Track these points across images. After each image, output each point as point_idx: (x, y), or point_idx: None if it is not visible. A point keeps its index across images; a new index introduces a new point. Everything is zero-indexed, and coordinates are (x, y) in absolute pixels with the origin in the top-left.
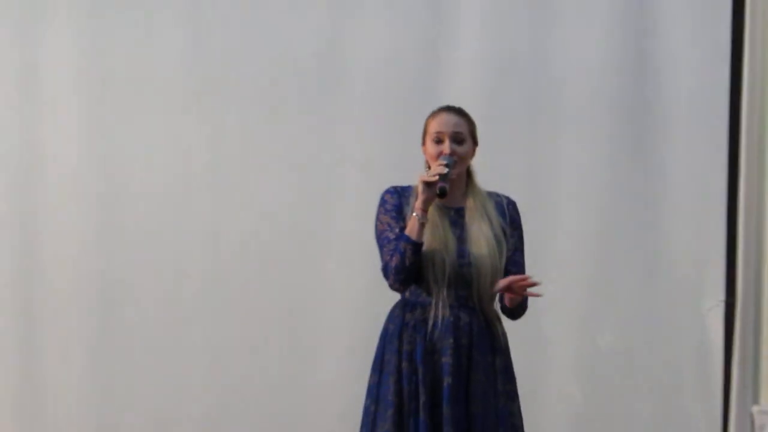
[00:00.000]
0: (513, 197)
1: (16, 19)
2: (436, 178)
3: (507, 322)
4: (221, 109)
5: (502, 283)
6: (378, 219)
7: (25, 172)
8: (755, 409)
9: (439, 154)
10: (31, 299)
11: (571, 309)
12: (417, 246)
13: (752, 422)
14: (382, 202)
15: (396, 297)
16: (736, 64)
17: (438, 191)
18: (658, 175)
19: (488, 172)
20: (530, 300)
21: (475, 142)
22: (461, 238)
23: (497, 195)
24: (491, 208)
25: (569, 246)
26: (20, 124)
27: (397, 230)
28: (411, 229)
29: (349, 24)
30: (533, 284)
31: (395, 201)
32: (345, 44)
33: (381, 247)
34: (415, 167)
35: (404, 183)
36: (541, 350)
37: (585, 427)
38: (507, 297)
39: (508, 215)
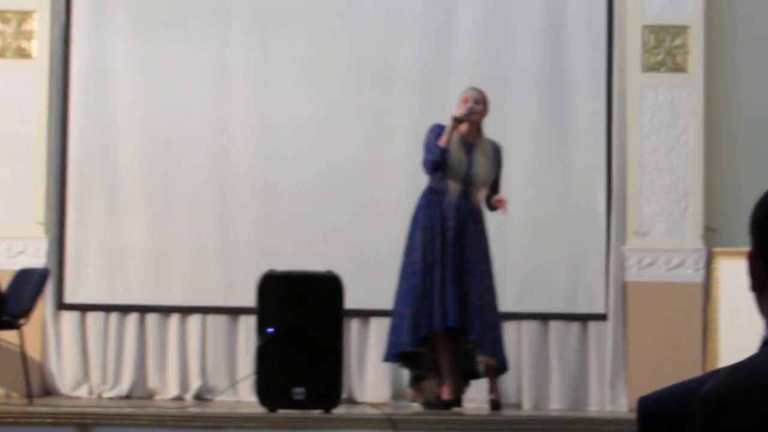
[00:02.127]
0: (499, 142)
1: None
2: (458, 115)
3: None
4: (332, 86)
5: (496, 199)
6: (427, 137)
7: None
8: (623, 247)
9: (464, 107)
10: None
11: (521, 196)
12: (443, 150)
13: (622, 255)
14: (431, 129)
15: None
16: (609, 60)
17: (458, 121)
18: (567, 119)
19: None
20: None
21: (486, 110)
22: (469, 161)
23: (493, 141)
24: (488, 148)
25: (522, 157)
26: (213, 98)
27: (435, 143)
28: (441, 141)
29: (400, 34)
30: (502, 206)
31: (437, 130)
32: (399, 42)
33: (425, 151)
34: (440, 108)
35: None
36: (503, 217)
37: (529, 257)
38: (492, 203)
39: (496, 154)
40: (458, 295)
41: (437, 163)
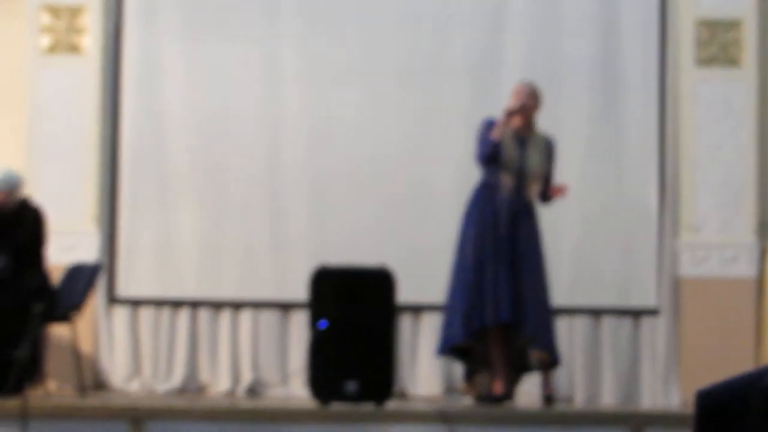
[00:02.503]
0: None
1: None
2: (511, 108)
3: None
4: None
5: (553, 188)
6: (480, 131)
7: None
8: (676, 242)
9: (517, 101)
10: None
11: (573, 191)
12: (496, 144)
13: (675, 251)
14: (484, 123)
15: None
16: (662, 60)
17: (511, 114)
18: (620, 113)
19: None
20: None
21: (538, 104)
22: (522, 155)
23: (546, 135)
24: (541, 141)
25: (574, 152)
26: (264, 93)
27: (488, 136)
28: (494, 134)
29: (452, 28)
30: (562, 194)
31: (490, 125)
32: (450, 36)
33: (478, 145)
34: (491, 103)
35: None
36: (555, 212)
37: (581, 252)
38: (549, 193)
39: (548, 149)
40: (511, 290)
41: (490, 157)
